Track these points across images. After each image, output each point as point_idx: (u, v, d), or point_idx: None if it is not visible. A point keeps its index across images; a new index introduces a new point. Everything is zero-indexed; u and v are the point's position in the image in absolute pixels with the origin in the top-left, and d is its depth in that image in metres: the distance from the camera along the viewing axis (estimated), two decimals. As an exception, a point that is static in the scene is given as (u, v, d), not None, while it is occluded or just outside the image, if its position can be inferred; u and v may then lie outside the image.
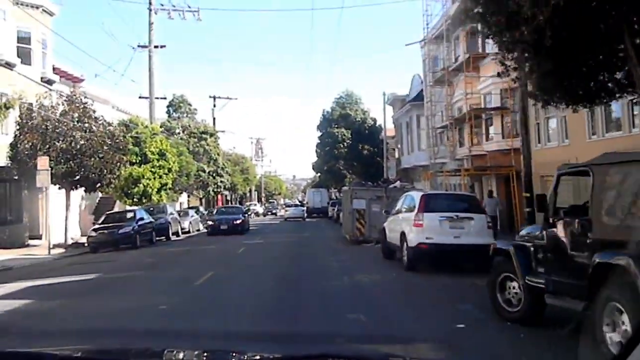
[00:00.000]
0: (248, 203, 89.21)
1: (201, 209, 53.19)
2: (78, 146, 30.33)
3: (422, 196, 17.09)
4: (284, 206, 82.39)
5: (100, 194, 43.75)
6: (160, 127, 55.80)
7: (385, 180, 31.67)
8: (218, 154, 58.06)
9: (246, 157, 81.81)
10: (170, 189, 43.69)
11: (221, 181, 61.17)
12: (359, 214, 27.16)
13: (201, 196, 58.82)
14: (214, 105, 66.29)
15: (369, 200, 27.13)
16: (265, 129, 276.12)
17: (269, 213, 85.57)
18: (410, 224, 16.85)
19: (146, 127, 42.49)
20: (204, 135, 56.22)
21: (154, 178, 41.12)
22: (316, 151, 56.60)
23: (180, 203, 62.31)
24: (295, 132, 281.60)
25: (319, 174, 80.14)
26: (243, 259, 22.54)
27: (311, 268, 18.88)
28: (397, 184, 28.54)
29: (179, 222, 39.11)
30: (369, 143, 54.16)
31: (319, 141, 58.34)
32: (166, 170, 41.82)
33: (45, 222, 31.14)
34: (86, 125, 31.69)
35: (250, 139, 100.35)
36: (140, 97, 44.63)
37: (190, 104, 57.64)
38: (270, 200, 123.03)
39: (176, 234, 38.08)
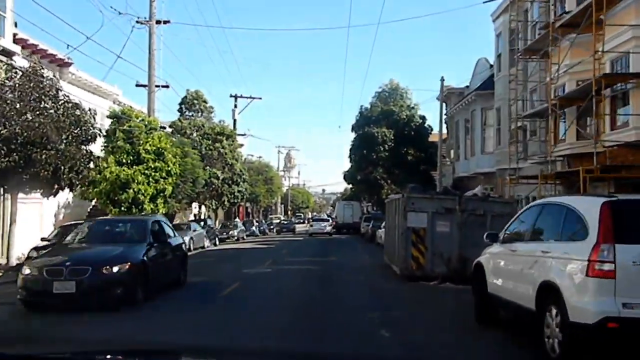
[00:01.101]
0: (272, 216, 79.98)
1: (210, 222, 43.97)
2: (25, 133, 21.36)
3: (608, 206, 7.30)
4: (310, 220, 72.63)
5: (93, 202, 34.98)
6: (170, 127, 47.09)
7: (446, 190, 21.81)
8: (235, 159, 48.99)
9: (271, 166, 72.87)
10: (170, 196, 34.64)
11: (239, 190, 52.01)
12: (417, 236, 17.63)
13: (214, 207, 49.72)
14: (235, 106, 57.49)
15: (433, 214, 17.58)
16: (293, 136, 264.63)
17: (284, 230, 67.19)
18: (575, 270, 7.27)
19: (142, 120, 33.60)
20: (219, 137, 47.25)
21: (148, 182, 32.14)
22: (350, 156, 46.80)
23: (195, 215, 53.31)
24: (327, 142, 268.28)
25: (350, 186, 70.47)
26: (222, 311, 12.94)
27: (337, 342, 9.31)
28: (478, 190, 19.00)
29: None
30: (415, 146, 43.92)
31: (353, 144, 47.66)
32: (164, 174, 32.82)
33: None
34: (42, 106, 22.79)
35: (277, 147, 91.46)
36: (137, 85, 35.73)
37: (206, 102, 48.93)
38: (298, 214, 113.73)
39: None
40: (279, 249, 34.96)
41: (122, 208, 31.74)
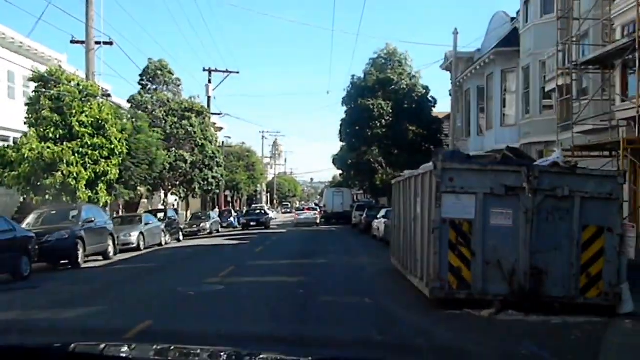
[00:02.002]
0: (255, 206, 72.35)
1: (171, 212, 36.34)
2: None
3: None
4: (295, 211, 65.00)
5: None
6: (129, 102, 39.47)
7: (506, 158, 13.42)
8: (208, 140, 41.44)
9: (252, 151, 65.36)
10: (117, 181, 27.20)
11: (213, 176, 44.47)
12: (458, 233, 10.33)
13: (182, 195, 42.20)
14: (209, 81, 49.89)
15: (485, 197, 10.28)
16: (279, 119, 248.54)
17: (252, 224, 46.89)
18: None
19: (78, 85, 26.04)
20: (187, 114, 39.72)
21: (83, 164, 24.67)
22: (340, 135, 38.84)
23: (167, 204, 45.70)
24: (315, 125, 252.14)
25: (340, 172, 63.09)
26: None
27: None
28: (557, 156, 11.61)
29: (112, 236, 22.34)
30: (417, 122, 35.99)
31: (344, 120, 38.85)
32: (105, 153, 25.35)
33: None
34: None
35: (261, 133, 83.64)
36: (73, 42, 28.06)
37: (171, 72, 41.36)
38: (284, 203, 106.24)
39: (104, 254, 21.41)
40: (254, 245, 27.57)
41: (48, 196, 24.30)
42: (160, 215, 32.03)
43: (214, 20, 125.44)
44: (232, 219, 49.87)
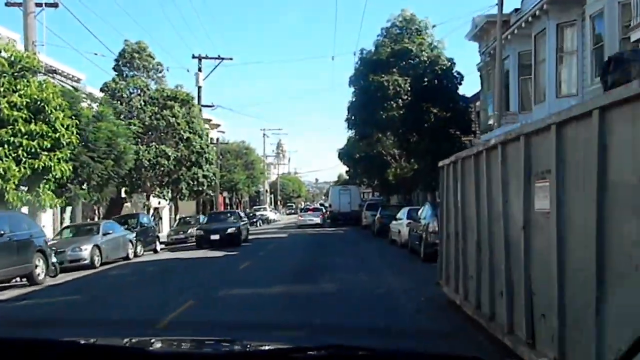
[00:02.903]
0: (255, 207, 65.93)
1: (145, 218, 29.71)
2: None
3: None
4: (299, 212, 58.17)
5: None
6: (102, 90, 33.11)
7: None
8: (197, 134, 35.01)
9: (251, 148, 58.96)
10: (71, 180, 20.90)
11: (204, 175, 38.06)
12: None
13: (167, 197, 35.70)
14: (199, 69, 43.38)
15: None
16: (280, 114, 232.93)
17: (214, 237, 29.59)
18: None
19: (12, 56, 19.65)
20: (169, 103, 33.34)
21: (17, 158, 18.33)
22: (347, 121, 31.61)
23: (151, 209, 39.42)
24: (319, 122, 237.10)
25: (346, 169, 56.56)
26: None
27: None
28: None
29: (43, 253, 15.90)
30: (440, 102, 28.54)
31: (351, 104, 31.02)
32: (47, 144, 18.95)
33: None
34: None
35: (262, 130, 77.04)
36: (8, 4, 21.62)
37: (152, 56, 35.00)
38: (289, 204, 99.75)
39: (29, 277, 14.97)
40: (241, 257, 21.11)
41: (-38, 200, 17.93)
42: (134, 221, 25.52)
43: (204, 4, 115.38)
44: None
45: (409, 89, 27.59)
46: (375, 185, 49.80)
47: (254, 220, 54.46)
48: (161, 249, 27.84)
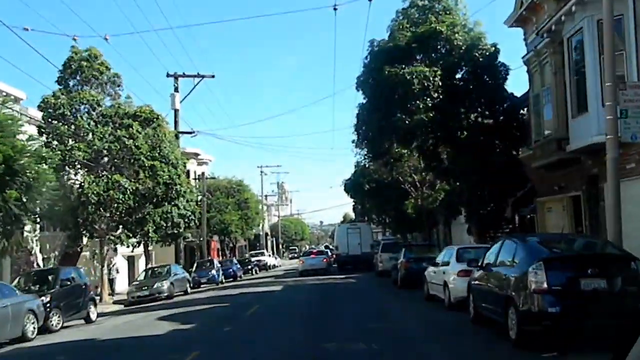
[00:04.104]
0: (250, 253, 57.27)
1: (78, 275, 21.04)
2: None
3: None
4: (300, 256, 48.94)
5: None
6: (40, 107, 25.19)
7: None
8: (165, 162, 26.81)
9: (245, 185, 50.44)
10: None
11: (180, 214, 29.77)
12: None
13: (127, 243, 27.14)
14: (176, 89, 35.59)
15: None
16: (278, 152, 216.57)
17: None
18: None
19: None
20: (125, 121, 25.33)
21: None
22: (356, 133, 21.66)
23: (108, 257, 31.22)
24: (321, 157, 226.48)
25: (354, 204, 48.19)
26: None
27: None
28: None
29: None
30: (484, 103, 20.33)
31: (360, 111, 21.79)
32: None
33: None
34: None
35: (259, 168, 68.74)
36: None
37: (107, 67, 27.10)
38: (291, 247, 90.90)
39: None
40: (196, 336, 12.62)
41: None
42: (52, 278, 17.10)
43: (184, 20, 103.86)
44: (213, 271, 34.88)
45: (439, 84, 19.42)
46: (388, 223, 41.35)
47: (249, 267, 45.86)
48: (110, 313, 19.48)
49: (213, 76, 35.88)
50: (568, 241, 11.69)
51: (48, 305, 15.49)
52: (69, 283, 16.92)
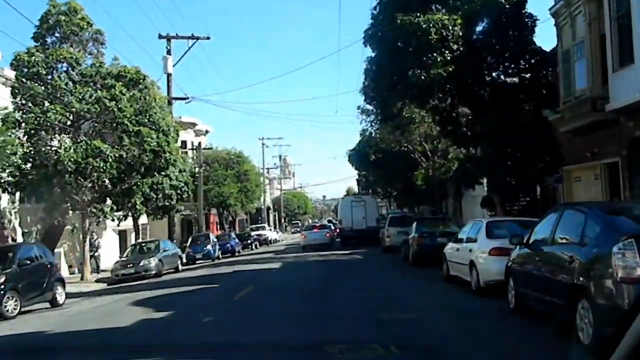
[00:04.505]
0: (251, 227, 54.90)
1: (43, 252, 18.56)
2: None
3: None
4: (302, 231, 46.04)
5: None
6: (13, 67, 22.55)
7: None
8: (155, 128, 24.22)
9: (244, 156, 47.84)
10: None
11: (171, 185, 27.33)
12: None
13: (112, 216, 24.60)
14: (168, 52, 32.86)
15: None
16: (278, 123, 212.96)
17: None
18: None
19: None
20: (107, 82, 22.71)
21: None
22: (364, 94, 18.37)
23: (90, 233, 28.98)
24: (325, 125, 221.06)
25: (358, 176, 45.60)
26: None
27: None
28: None
29: None
30: (510, 57, 17.07)
31: (368, 67, 18.30)
32: None
33: None
34: None
35: (260, 140, 66.19)
36: None
37: (90, 23, 24.33)
38: (294, 222, 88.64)
39: None
40: (169, 325, 10.18)
41: None
42: (10, 256, 14.63)
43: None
44: (209, 247, 32.46)
45: (459, 34, 16.66)
46: (394, 195, 38.77)
47: (248, 242, 43.48)
48: (88, 294, 17.15)
49: (208, 38, 33.18)
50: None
51: (2, 287, 13.05)
52: (29, 262, 14.44)
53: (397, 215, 29.16)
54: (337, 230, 39.09)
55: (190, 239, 34.18)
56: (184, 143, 45.94)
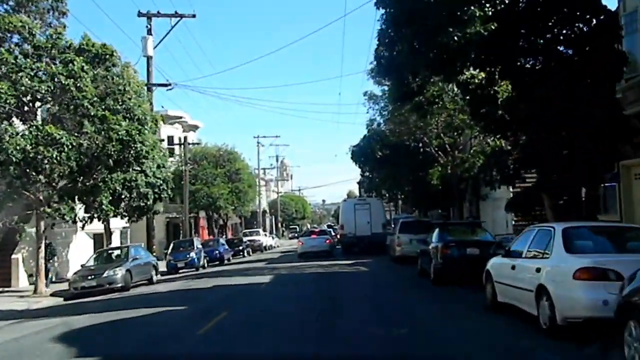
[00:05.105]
0: (243, 232, 50.89)
1: None
2: None
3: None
4: (299, 237, 41.87)
5: None
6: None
7: None
8: (130, 117, 20.45)
9: (235, 153, 43.79)
10: None
11: (148, 182, 23.58)
12: None
13: (71, 217, 20.72)
14: (149, 31, 29.11)
15: None
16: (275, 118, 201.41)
17: None
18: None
19: None
20: (66, 56, 18.97)
21: None
22: (377, 62, 14.83)
23: (44, 238, 25.21)
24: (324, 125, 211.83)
25: (361, 178, 41.77)
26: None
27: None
28: None
29: None
30: (563, 11, 12.27)
31: (383, 22, 13.53)
32: None
33: None
34: None
35: (256, 138, 62.42)
36: None
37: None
38: (291, 226, 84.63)
39: None
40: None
41: None
42: None
43: None
44: (193, 254, 28.59)
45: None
46: (403, 198, 34.92)
47: (240, 248, 39.59)
48: (34, 312, 13.34)
49: (194, 16, 29.48)
50: None
51: None
52: None
53: (410, 220, 25.29)
54: (338, 236, 35.32)
55: (171, 245, 30.31)
56: (170, 138, 42.19)
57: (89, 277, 19.13)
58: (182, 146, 36.11)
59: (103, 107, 19.66)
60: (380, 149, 29.18)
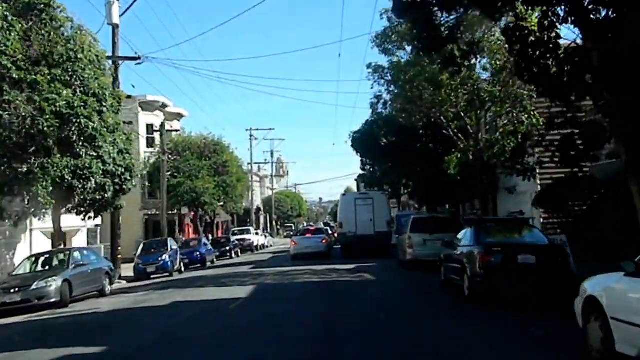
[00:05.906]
0: (233, 231, 46.27)
1: None
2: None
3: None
4: (292, 236, 37.20)
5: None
6: None
7: None
8: (74, 83, 16.06)
9: (222, 144, 39.18)
10: None
11: (106, 171, 19.12)
12: None
13: (3, 215, 16.26)
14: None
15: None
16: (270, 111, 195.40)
17: None
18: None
19: None
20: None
21: None
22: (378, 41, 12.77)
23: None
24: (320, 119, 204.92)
25: (362, 169, 37.39)
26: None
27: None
28: None
29: None
30: None
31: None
32: None
33: None
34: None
35: (248, 130, 57.90)
36: None
37: None
38: (287, 225, 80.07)
39: None
40: None
41: None
42: None
43: None
44: (165, 256, 24.14)
45: None
46: (410, 192, 30.45)
47: (227, 248, 35.11)
48: None
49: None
50: None
51: None
52: None
53: (423, 217, 20.82)
54: (337, 235, 30.97)
55: (140, 247, 25.81)
56: (149, 127, 37.78)
57: (12, 290, 14.63)
58: (160, 133, 31.59)
59: (36, 71, 15.23)
60: (385, 136, 24.74)
